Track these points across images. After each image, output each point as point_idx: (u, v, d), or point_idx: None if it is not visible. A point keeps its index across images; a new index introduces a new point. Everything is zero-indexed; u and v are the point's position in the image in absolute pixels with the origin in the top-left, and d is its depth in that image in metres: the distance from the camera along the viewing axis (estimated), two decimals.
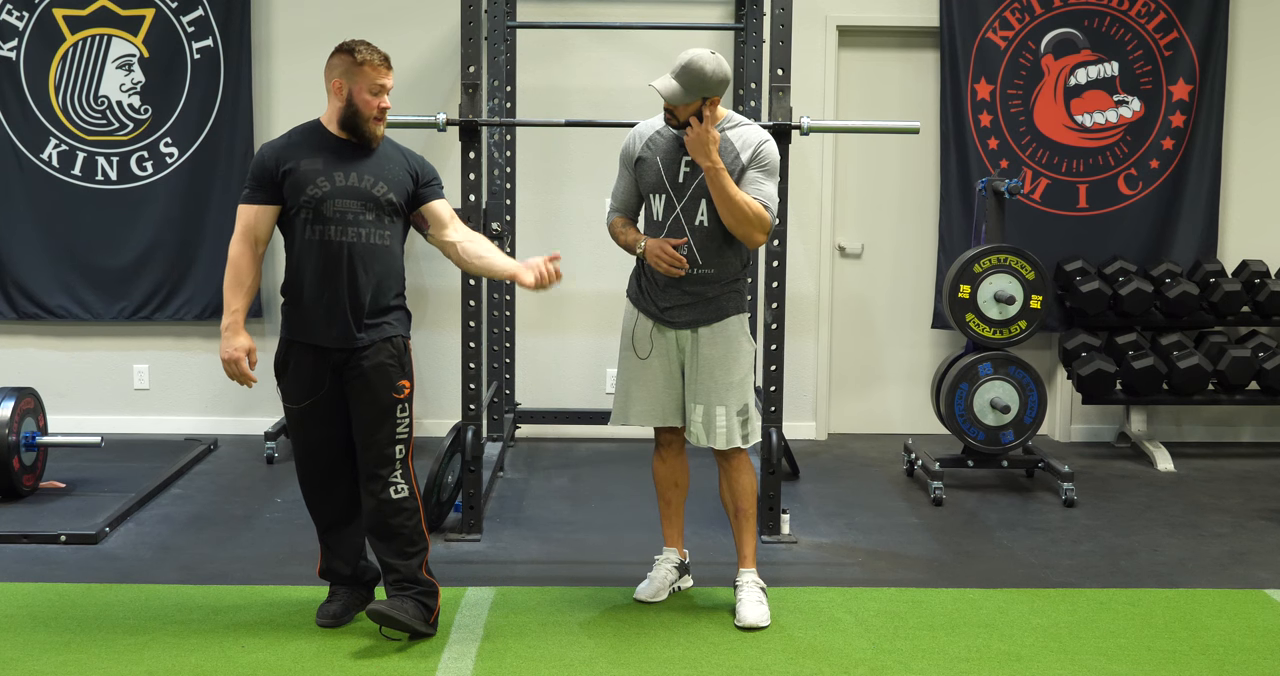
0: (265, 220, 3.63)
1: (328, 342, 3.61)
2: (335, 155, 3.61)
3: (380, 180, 3.62)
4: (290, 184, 3.58)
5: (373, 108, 3.59)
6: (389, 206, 3.63)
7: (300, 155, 3.60)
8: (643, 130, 3.93)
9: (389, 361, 3.65)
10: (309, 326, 3.63)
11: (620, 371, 3.98)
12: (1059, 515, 5.10)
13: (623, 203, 3.97)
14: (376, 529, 3.68)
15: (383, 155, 3.67)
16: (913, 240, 6.42)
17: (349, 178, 3.60)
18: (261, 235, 3.64)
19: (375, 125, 3.61)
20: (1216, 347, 5.96)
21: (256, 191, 3.62)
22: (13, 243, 6.12)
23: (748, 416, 3.89)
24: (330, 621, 3.75)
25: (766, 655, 3.61)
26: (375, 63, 3.57)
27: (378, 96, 3.59)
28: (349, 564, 3.82)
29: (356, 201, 3.59)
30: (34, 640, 3.63)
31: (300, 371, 3.66)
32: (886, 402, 6.52)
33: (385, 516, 3.65)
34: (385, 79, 3.60)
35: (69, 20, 6.04)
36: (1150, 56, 6.16)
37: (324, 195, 3.57)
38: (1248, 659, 3.63)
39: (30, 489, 5.06)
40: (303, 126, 3.70)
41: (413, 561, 3.67)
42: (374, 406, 3.64)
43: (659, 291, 3.86)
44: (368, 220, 3.60)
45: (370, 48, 3.59)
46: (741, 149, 3.78)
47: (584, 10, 6.15)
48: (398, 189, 3.65)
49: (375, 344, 3.63)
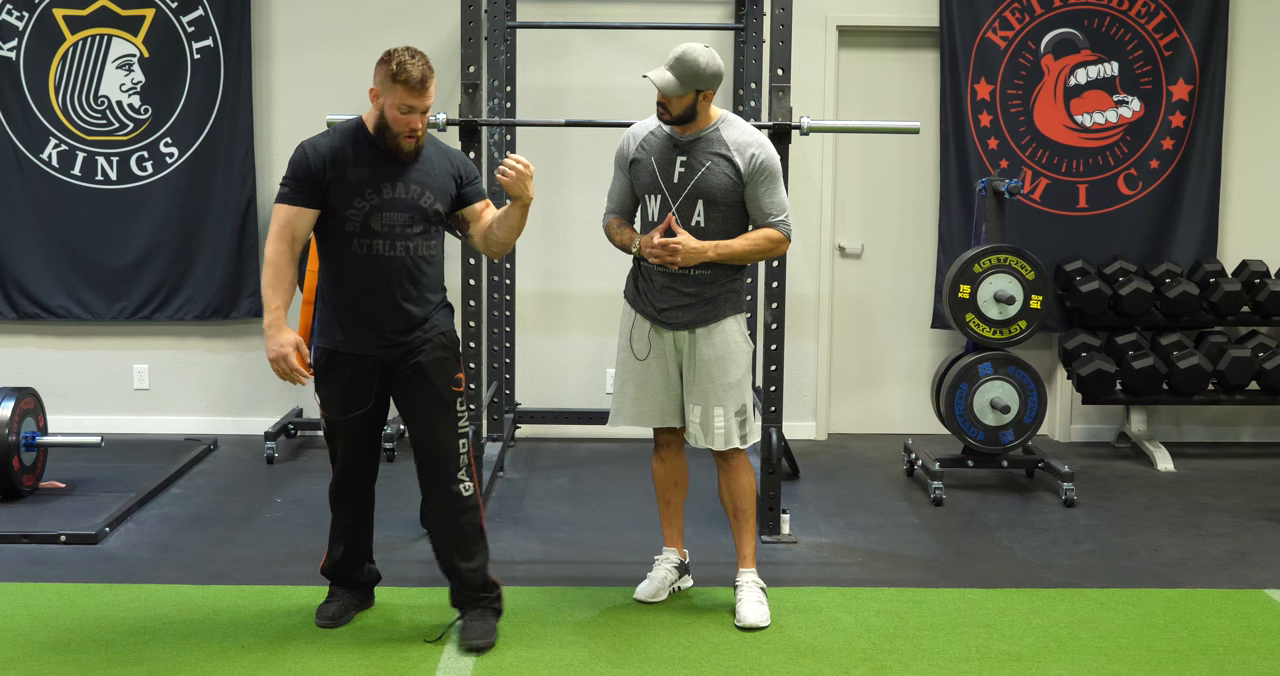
0: (304, 222, 3.52)
1: (371, 351, 3.55)
2: (381, 163, 3.51)
3: (427, 189, 3.54)
4: (336, 194, 3.49)
5: (402, 125, 3.46)
6: (435, 216, 3.56)
7: (346, 162, 3.49)
8: (637, 131, 3.93)
9: (444, 355, 3.61)
10: (351, 336, 3.56)
11: (618, 372, 3.98)
12: (1059, 515, 5.10)
13: (618, 204, 3.97)
14: (445, 530, 3.63)
15: (426, 160, 3.57)
16: (913, 240, 6.42)
17: (396, 188, 3.51)
18: (299, 235, 3.52)
19: (405, 142, 3.49)
20: (1216, 347, 5.96)
21: (297, 193, 3.51)
22: (13, 243, 6.11)
23: (746, 417, 3.90)
24: (329, 622, 3.74)
25: (766, 655, 3.61)
26: (411, 83, 3.41)
27: (407, 116, 3.45)
28: (356, 568, 3.81)
29: (404, 214, 3.51)
30: (34, 640, 3.63)
31: (341, 380, 3.58)
32: (886, 402, 6.52)
33: (456, 515, 3.61)
34: (416, 101, 3.44)
35: (69, 20, 6.04)
36: (1150, 56, 6.16)
37: (372, 208, 3.49)
38: (1248, 659, 3.63)
39: (30, 489, 5.06)
40: (346, 126, 3.58)
41: (478, 560, 3.66)
42: (436, 402, 3.59)
43: (656, 292, 3.86)
44: (415, 233, 3.53)
45: (412, 63, 3.42)
46: (735, 152, 3.77)
47: (584, 10, 6.15)
48: (443, 197, 3.58)
49: (428, 341, 3.58)
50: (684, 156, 3.79)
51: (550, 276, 6.27)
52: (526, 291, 6.19)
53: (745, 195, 3.81)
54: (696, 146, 3.79)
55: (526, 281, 6.17)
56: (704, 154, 3.78)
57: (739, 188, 3.79)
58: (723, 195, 3.78)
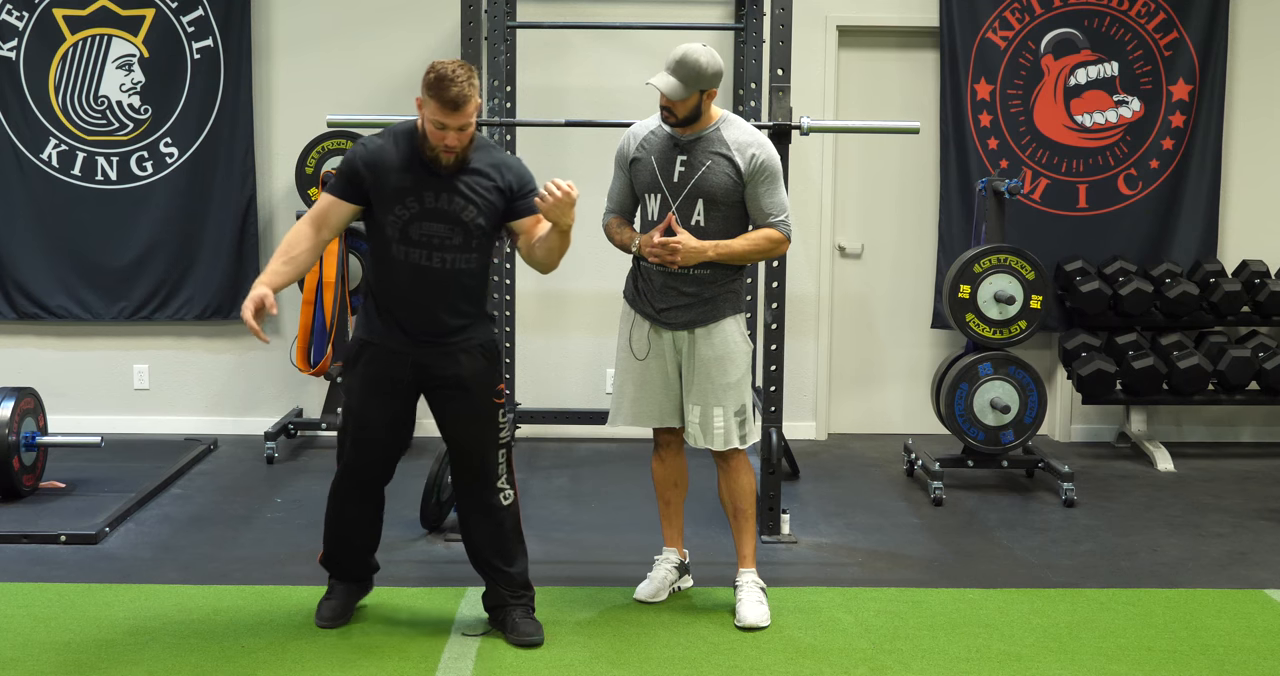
0: (339, 214, 3.52)
1: (404, 348, 3.55)
2: (425, 172, 3.47)
3: (470, 203, 3.49)
4: (379, 199, 3.48)
5: (436, 140, 3.41)
6: (477, 230, 3.52)
7: (390, 168, 3.47)
8: (637, 130, 3.93)
9: (485, 365, 3.61)
10: (388, 330, 3.56)
11: (618, 372, 3.99)
12: (1059, 515, 5.10)
13: (618, 203, 3.97)
14: (486, 536, 3.68)
15: (474, 173, 3.51)
16: (913, 240, 6.42)
17: (439, 198, 3.47)
18: (331, 224, 3.52)
19: (443, 156, 3.43)
20: (1216, 347, 5.96)
21: (340, 185, 3.51)
22: (13, 243, 6.12)
23: (745, 417, 3.90)
24: (329, 622, 3.74)
25: (766, 655, 3.61)
26: (443, 100, 3.34)
27: (441, 131, 3.39)
28: (361, 562, 3.81)
29: (444, 225, 3.48)
30: (34, 640, 3.63)
31: (370, 371, 3.57)
32: (886, 402, 6.52)
33: (498, 523, 3.67)
34: (449, 118, 3.36)
35: (69, 20, 6.04)
36: (1150, 56, 6.16)
37: (411, 217, 3.47)
38: (1248, 659, 3.63)
39: (30, 489, 5.06)
40: (400, 130, 3.54)
41: (520, 563, 3.71)
42: (477, 414, 3.62)
43: (655, 292, 3.86)
44: (454, 244, 3.49)
45: (451, 81, 3.33)
46: (735, 151, 3.77)
47: (584, 10, 6.15)
48: (487, 212, 3.52)
49: (467, 351, 3.57)
50: (684, 156, 3.79)
51: (550, 276, 6.21)
52: (526, 291, 6.19)
53: (745, 195, 3.81)
54: (697, 146, 3.79)
55: (526, 281, 6.16)
56: (704, 153, 3.78)
57: (739, 187, 3.79)
58: (723, 195, 3.78)
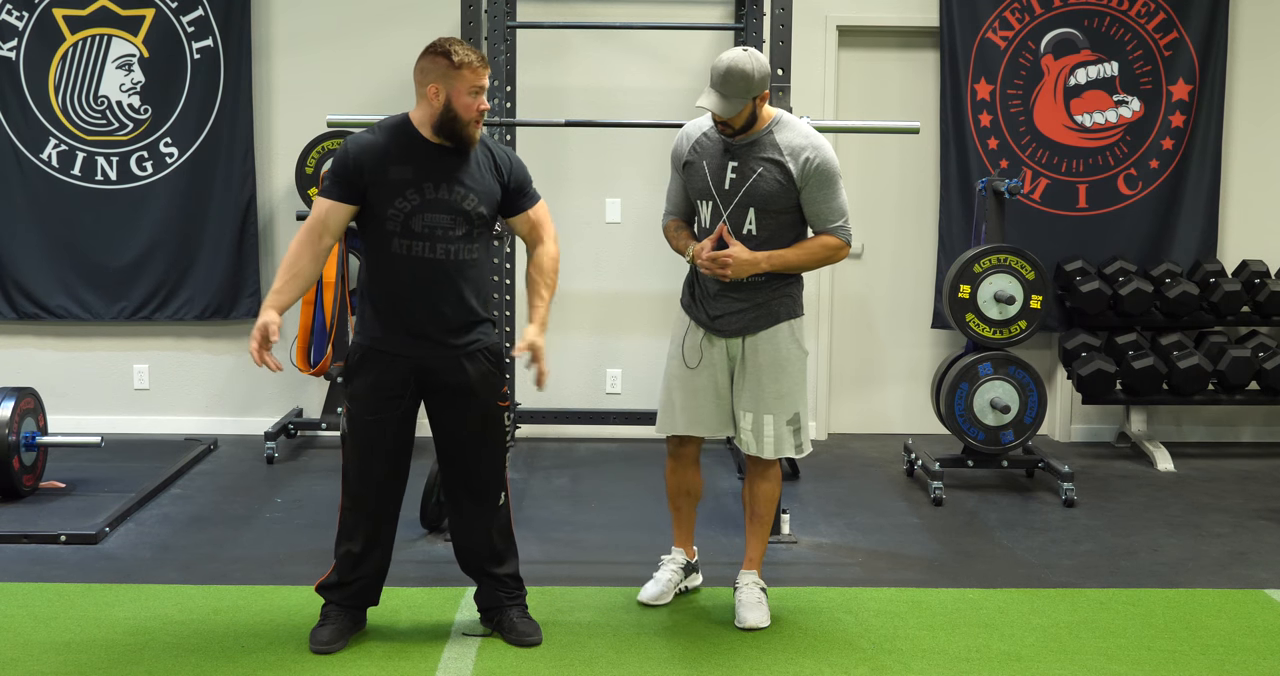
0: (338, 216, 3.48)
1: (408, 352, 3.50)
2: (425, 162, 3.46)
3: (470, 192, 3.47)
4: (376, 192, 3.44)
5: (473, 111, 3.42)
6: (478, 219, 3.49)
7: (389, 160, 3.44)
8: (690, 131, 3.83)
9: (490, 369, 3.57)
10: (389, 335, 3.50)
11: (666, 377, 3.91)
12: (1059, 515, 5.10)
13: (675, 205, 3.90)
14: (479, 540, 3.67)
15: (473, 161, 3.50)
16: (913, 240, 6.42)
17: (439, 189, 3.45)
18: (332, 229, 3.48)
19: (475, 128, 3.45)
20: (1216, 347, 5.96)
21: (335, 187, 3.47)
22: (13, 243, 6.11)
23: (799, 426, 3.82)
24: (322, 648, 3.57)
25: (766, 655, 3.61)
26: (473, 64, 3.40)
27: (477, 97, 3.42)
28: (372, 589, 3.69)
29: (446, 215, 3.45)
30: (34, 640, 3.63)
31: (373, 378, 3.51)
32: (886, 402, 6.52)
33: (498, 524, 3.67)
34: (483, 79, 3.42)
35: (69, 20, 6.04)
36: (1150, 56, 6.16)
37: (413, 209, 3.43)
38: (1248, 659, 3.63)
39: (30, 489, 5.06)
40: (391, 124, 3.52)
41: (512, 563, 3.72)
42: (481, 420, 3.59)
43: (710, 299, 3.79)
44: (456, 235, 3.46)
45: (465, 47, 3.41)
46: (788, 156, 3.66)
47: (584, 10, 6.15)
48: (487, 200, 3.51)
49: (471, 354, 3.53)
50: (735, 162, 3.69)
51: None
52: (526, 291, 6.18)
53: (801, 200, 3.70)
54: (748, 151, 3.68)
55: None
56: (755, 159, 3.67)
57: (791, 193, 3.68)
58: (774, 203, 3.68)
